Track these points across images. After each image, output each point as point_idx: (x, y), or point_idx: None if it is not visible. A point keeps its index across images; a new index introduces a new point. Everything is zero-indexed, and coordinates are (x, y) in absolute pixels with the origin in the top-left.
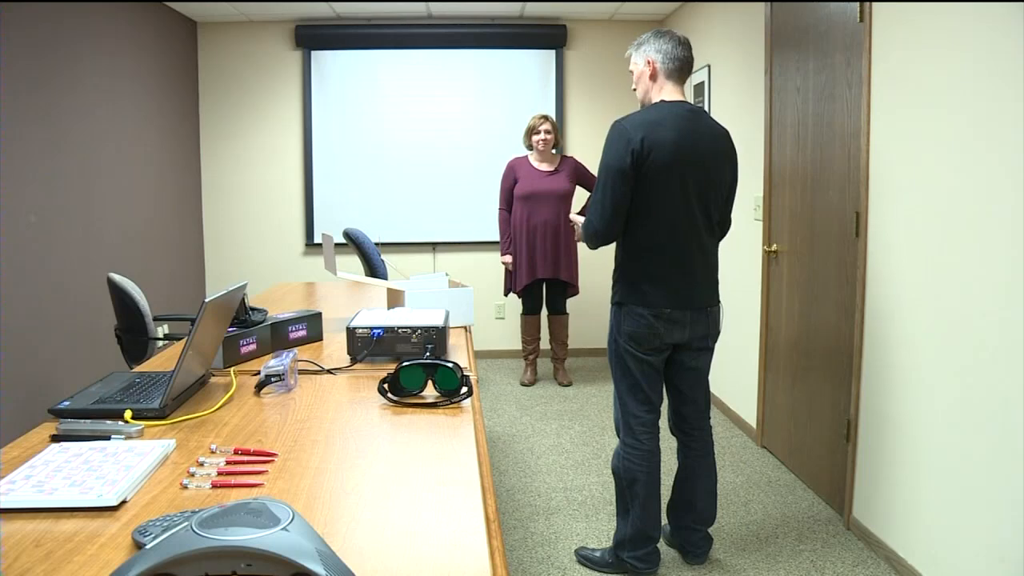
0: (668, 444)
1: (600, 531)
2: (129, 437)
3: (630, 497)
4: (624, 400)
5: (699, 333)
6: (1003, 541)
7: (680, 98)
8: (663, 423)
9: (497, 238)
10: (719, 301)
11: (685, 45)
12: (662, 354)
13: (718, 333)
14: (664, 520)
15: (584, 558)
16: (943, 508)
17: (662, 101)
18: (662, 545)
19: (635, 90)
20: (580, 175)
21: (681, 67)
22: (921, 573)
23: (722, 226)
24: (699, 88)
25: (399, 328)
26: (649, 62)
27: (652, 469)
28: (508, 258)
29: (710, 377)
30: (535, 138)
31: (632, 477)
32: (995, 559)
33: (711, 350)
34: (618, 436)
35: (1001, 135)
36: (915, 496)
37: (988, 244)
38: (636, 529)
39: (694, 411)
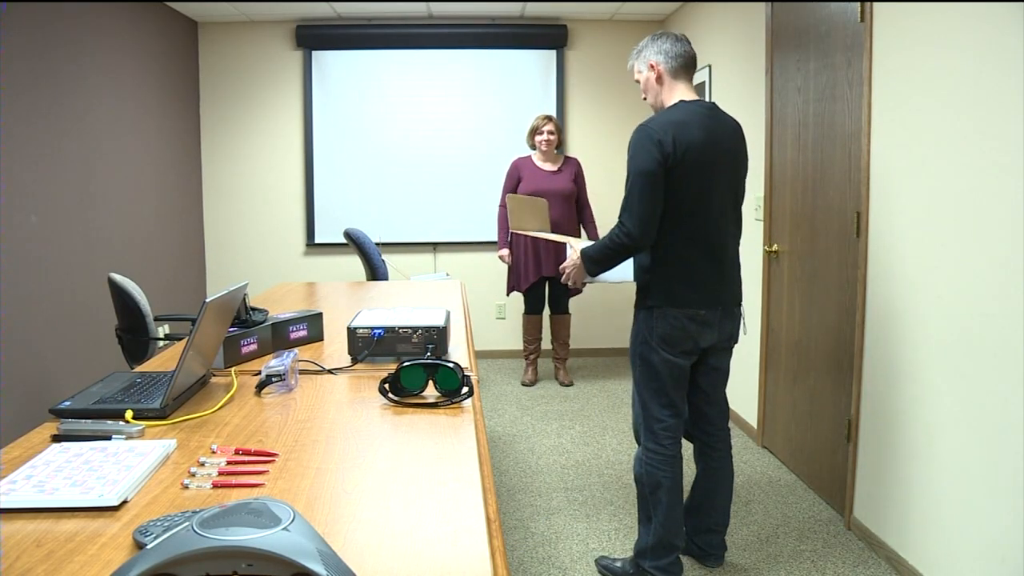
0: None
1: (600, 531)
2: (130, 437)
3: (653, 504)
4: (648, 404)
5: (726, 334)
6: (1003, 541)
7: (695, 96)
8: None
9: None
10: (742, 301)
11: (684, 40)
12: (692, 357)
13: (739, 336)
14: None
15: (605, 568)
16: (943, 508)
17: (681, 101)
18: None
19: (645, 99)
20: (578, 179)
21: (686, 63)
22: (921, 573)
23: (738, 223)
24: (699, 88)
25: (400, 328)
26: (653, 66)
27: (676, 474)
28: (505, 251)
29: None
30: (538, 138)
31: (656, 483)
32: (995, 559)
33: (731, 351)
34: (638, 442)
35: (1002, 134)
36: (916, 496)
37: (989, 243)
38: (659, 537)
39: (717, 412)
